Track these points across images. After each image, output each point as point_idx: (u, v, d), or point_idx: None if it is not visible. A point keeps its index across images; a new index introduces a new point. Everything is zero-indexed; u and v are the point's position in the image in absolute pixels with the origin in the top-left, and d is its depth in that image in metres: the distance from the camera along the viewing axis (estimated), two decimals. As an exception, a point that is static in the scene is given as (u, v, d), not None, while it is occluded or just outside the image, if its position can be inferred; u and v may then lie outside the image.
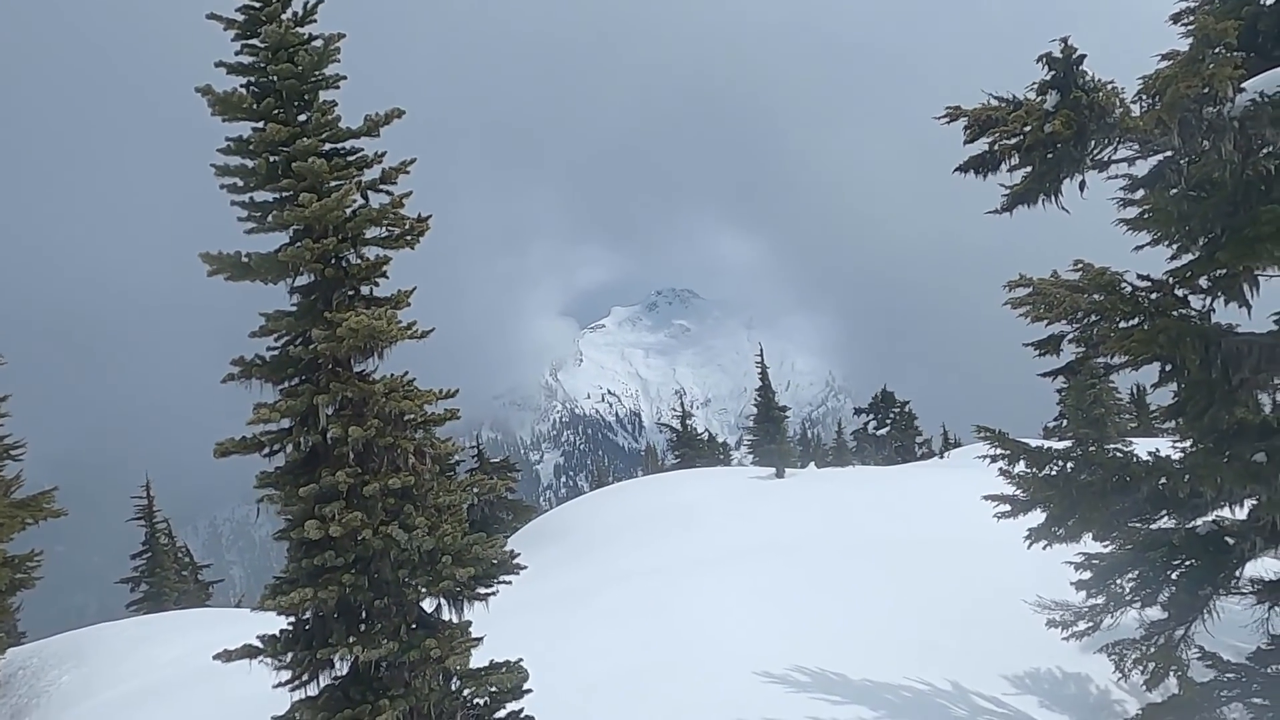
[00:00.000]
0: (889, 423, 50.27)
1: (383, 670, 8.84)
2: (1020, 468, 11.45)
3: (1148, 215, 10.09)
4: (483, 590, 9.20)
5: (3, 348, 21.07)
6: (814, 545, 20.07)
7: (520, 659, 9.29)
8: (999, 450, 11.50)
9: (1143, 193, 10.62)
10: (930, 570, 17.33)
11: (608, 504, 28.98)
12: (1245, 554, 10.86)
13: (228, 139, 9.07)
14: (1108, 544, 11.70)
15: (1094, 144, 9.37)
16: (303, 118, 9.18)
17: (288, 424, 8.97)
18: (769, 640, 14.63)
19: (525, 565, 9.49)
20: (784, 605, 16.12)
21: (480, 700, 9.22)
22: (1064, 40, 9.11)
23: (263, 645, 8.83)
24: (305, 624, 8.92)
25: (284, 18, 9.05)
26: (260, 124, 8.97)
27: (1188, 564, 11.09)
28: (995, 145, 9.50)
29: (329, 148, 9.19)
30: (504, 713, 9.37)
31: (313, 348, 8.89)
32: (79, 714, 17.59)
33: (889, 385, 51.76)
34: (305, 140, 8.92)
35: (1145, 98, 9.15)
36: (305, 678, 8.87)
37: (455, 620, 9.16)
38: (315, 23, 9.21)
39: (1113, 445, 11.72)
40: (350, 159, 9.30)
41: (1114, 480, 10.56)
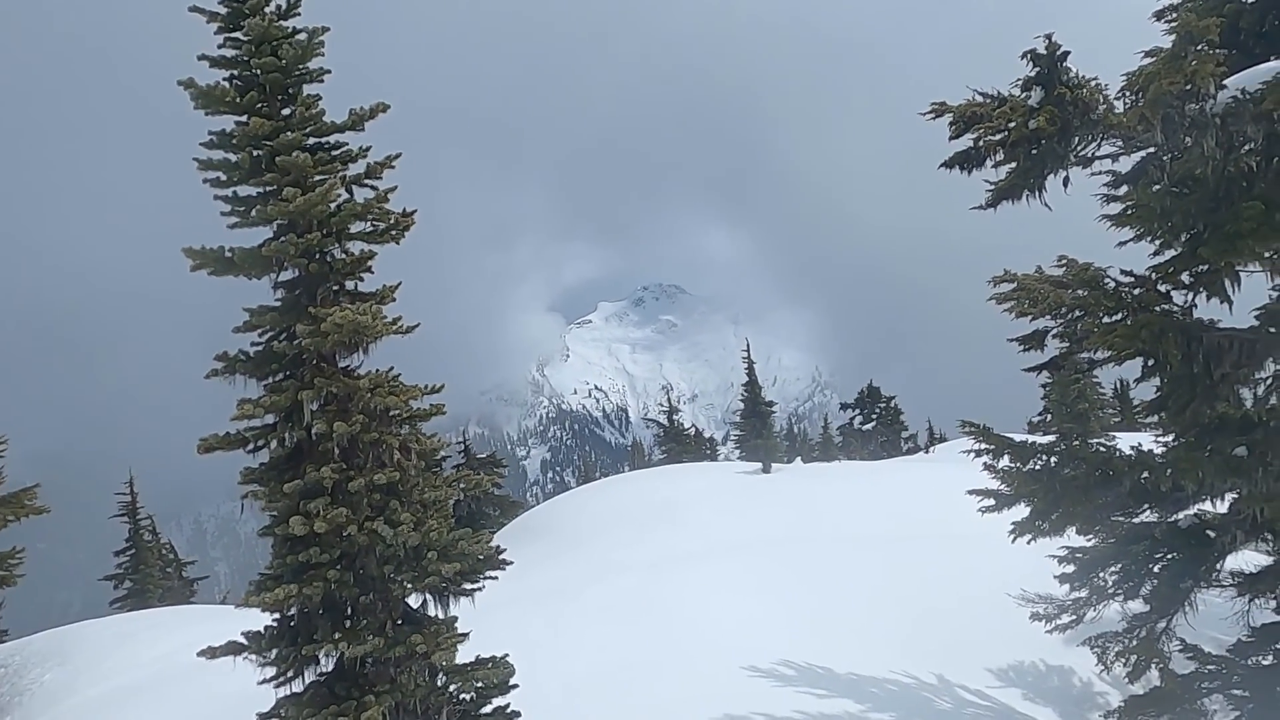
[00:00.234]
0: (875, 418, 50.48)
1: (368, 666, 8.82)
2: (1005, 462, 11.52)
3: (1131, 211, 10.13)
4: (469, 586, 9.20)
5: (-17, 343, 20.84)
6: (800, 540, 20.14)
7: (506, 654, 9.30)
8: (984, 445, 11.58)
9: (1126, 189, 10.67)
10: (916, 564, 17.42)
11: (594, 499, 28.96)
12: (1226, 547, 10.96)
13: (210, 133, 9.02)
14: (1091, 538, 11.80)
15: (1078, 140, 9.42)
16: (286, 111, 9.13)
17: (272, 420, 8.94)
18: (756, 634, 14.68)
19: (511, 561, 9.48)
20: (770, 600, 16.17)
21: (466, 696, 9.23)
22: (1048, 37, 9.15)
23: (247, 642, 8.80)
24: (290, 620, 8.89)
25: (267, 11, 9.00)
26: (243, 118, 8.92)
27: (1169, 557, 11.19)
28: (980, 141, 9.54)
29: (313, 142, 9.15)
30: (490, 708, 9.37)
31: (297, 343, 8.85)
32: (61, 712, 17.46)
33: (875, 380, 52.01)
34: (289, 134, 8.88)
35: (1128, 94, 9.21)
36: (290, 674, 8.84)
37: (441, 616, 9.16)
38: (299, 16, 9.16)
39: (1096, 440, 11.84)
40: (334, 153, 9.26)
41: (1097, 474, 10.64)
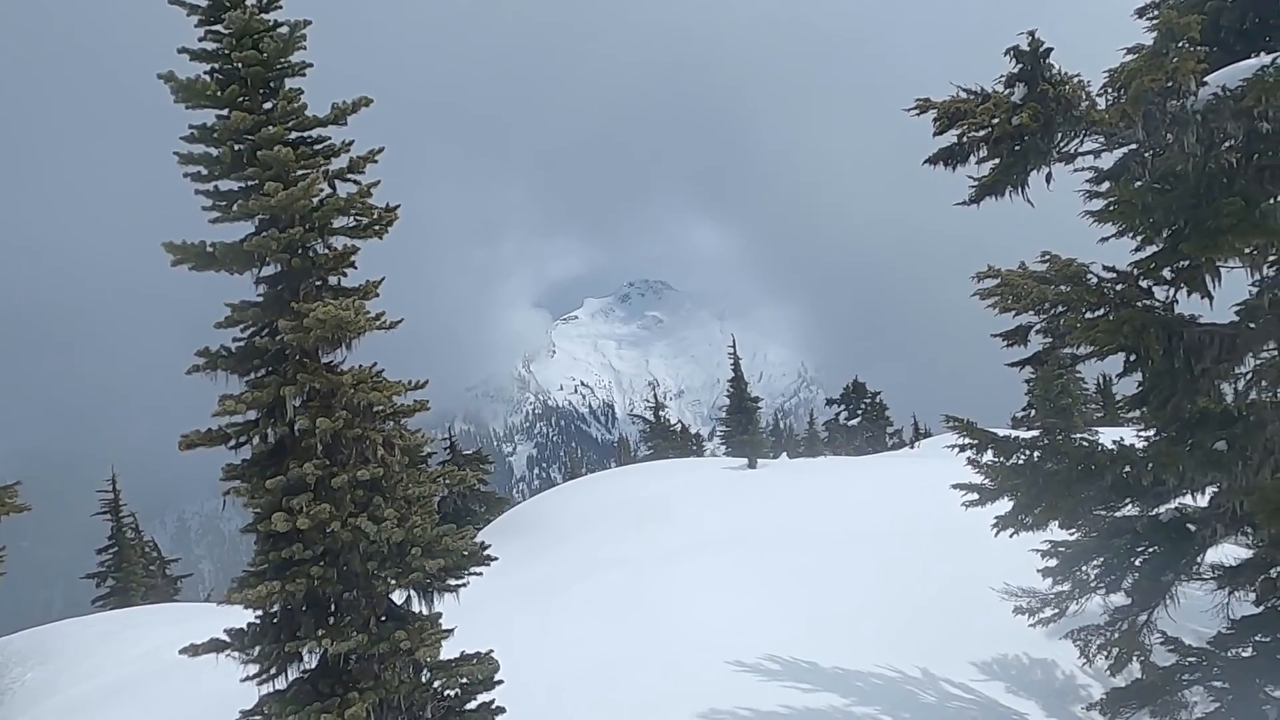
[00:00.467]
0: (860, 413, 50.61)
1: (352, 663, 8.78)
2: (988, 457, 11.59)
3: (1113, 207, 10.19)
4: (453, 582, 9.16)
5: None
6: (786, 536, 20.19)
7: (491, 650, 9.27)
8: (967, 440, 11.63)
9: (1108, 185, 10.73)
10: (901, 559, 17.50)
11: (581, 495, 28.95)
12: (1206, 540, 11.07)
13: (191, 127, 8.91)
14: (1073, 531, 11.88)
15: (1060, 136, 9.47)
16: (268, 105, 9.04)
17: (254, 416, 8.87)
18: (742, 630, 14.72)
19: (496, 557, 9.46)
20: (756, 595, 16.22)
21: (451, 692, 9.19)
22: (1031, 34, 9.18)
23: (230, 639, 8.74)
24: (273, 617, 8.84)
25: (249, 4, 8.90)
26: (225, 111, 8.82)
27: (1151, 550, 11.28)
28: (964, 137, 9.57)
29: (295, 136, 9.07)
30: (475, 704, 9.34)
31: (279, 338, 8.78)
32: (43, 711, 17.32)
33: (860, 376, 52.14)
34: (271, 128, 8.80)
35: (1110, 91, 9.25)
36: (274, 671, 8.79)
37: (425, 612, 9.12)
38: (280, 9, 9.07)
39: (1079, 434, 11.89)
40: (317, 147, 9.18)
41: (1080, 469, 10.71)
